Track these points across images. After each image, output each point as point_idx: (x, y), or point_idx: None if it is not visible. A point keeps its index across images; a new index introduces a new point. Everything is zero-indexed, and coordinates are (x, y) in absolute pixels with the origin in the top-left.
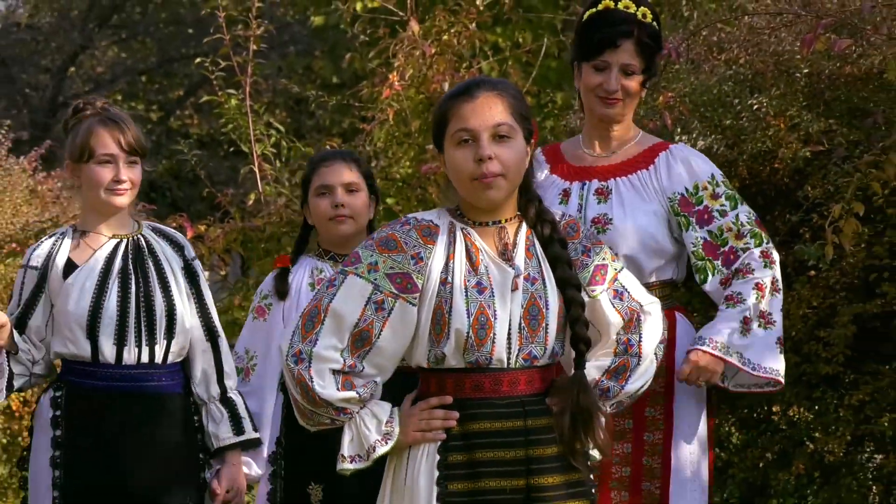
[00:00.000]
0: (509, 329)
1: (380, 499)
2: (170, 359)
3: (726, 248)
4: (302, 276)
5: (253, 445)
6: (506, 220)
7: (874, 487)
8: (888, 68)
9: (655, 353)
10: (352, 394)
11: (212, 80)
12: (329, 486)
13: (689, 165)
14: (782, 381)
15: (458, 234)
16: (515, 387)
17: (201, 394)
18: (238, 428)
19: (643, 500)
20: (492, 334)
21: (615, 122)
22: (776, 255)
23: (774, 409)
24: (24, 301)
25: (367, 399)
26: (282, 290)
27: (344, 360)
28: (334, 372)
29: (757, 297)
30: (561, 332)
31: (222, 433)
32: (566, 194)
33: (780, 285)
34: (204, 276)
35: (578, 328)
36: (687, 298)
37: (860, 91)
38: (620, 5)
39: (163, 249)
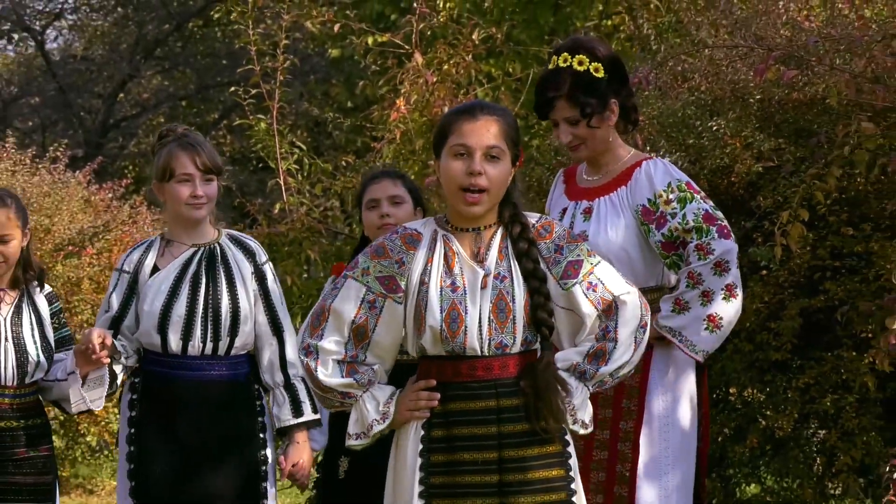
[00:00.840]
0: (480, 322)
1: (388, 469)
2: (233, 352)
3: (680, 241)
4: None
5: (313, 425)
6: (484, 227)
7: (818, 459)
8: (830, 95)
9: (635, 338)
10: (350, 380)
11: (243, 105)
12: (353, 461)
13: (652, 178)
14: (697, 356)
15: (439, 241)
16: (490, 371)
17: (268, 380)
18: (297, 410)
19: (616, 481)
20: (463, 327)
21: (595, 158)
22: (717, 246)
23: (731, 390)
24: (120, 302)
25: (366, 384)
26: None
27: (346, 352)
28: (338, 362)
29: (688, 285)
30: (525, 323)
31: (283, 415)
32: (564, 212)
33: (728, 266)
34: (274, 278)
35: (539, 314)
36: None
37: (806, 114)
38: (560, 60)
39: (234, 256)
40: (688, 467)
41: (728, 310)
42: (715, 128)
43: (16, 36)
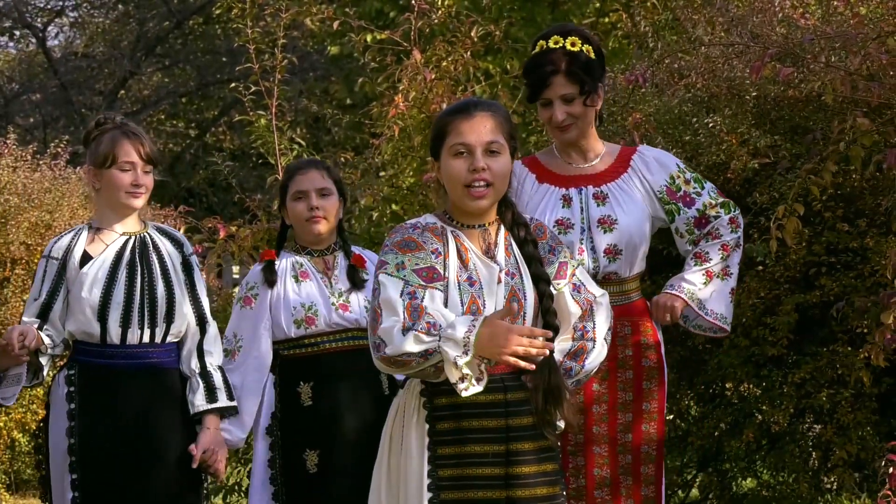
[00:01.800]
0: None
1: (378, 460)
2: (168, 339)
3: (705, 220)
4: (285, 268)
5: (229, 413)
6: (488, 224)
7: (814, 453)
8: (826, 92)
9: (605, 339)
10: (423, 337)
11: (243, 101)
12: (324, 452)
13: (660, 163)
14: (727, 328)
15: (450, 236)
16: (498, 366)
17: (185, 369)
18: (211, 396)
19: (641, 460)
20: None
21: (581, 141)
22: (741, 220)
23: (727, 385)
24: (48, 289)
25: (437, 333)
26: (270, 280)
27: (403, 320)
28: (400, 330)
29: (722, 257)
30: (534, 321)
31: (197, 401)
32: (566, 199)
33: (742, 242)
34: (199, 271)
35: (549, 318)
36: (652, 290)
37: (801, 111)
38: (550, 42)
39: (165, 246)
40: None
41: (734, 286)
42: (711, 125)
43: (17, 33)
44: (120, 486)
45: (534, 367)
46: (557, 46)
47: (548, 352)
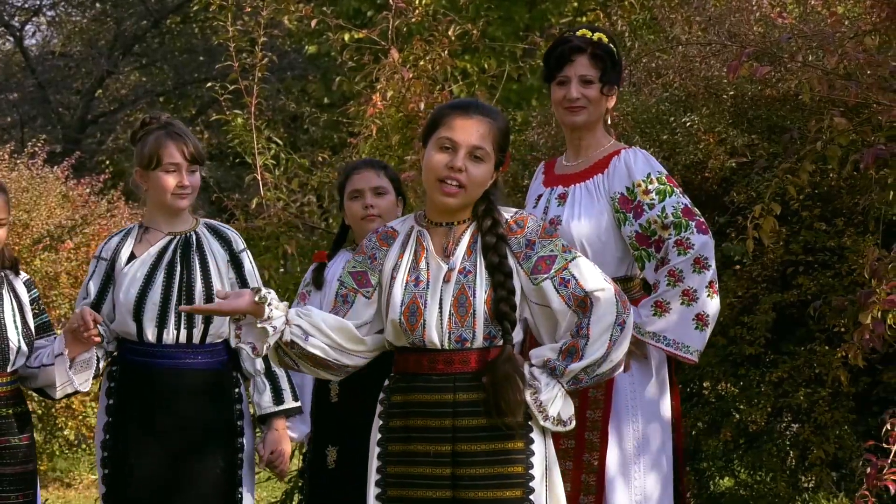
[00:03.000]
0: (441, 316)
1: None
2: (208, 339)
3: (655, 238)
4: (338, 268)
5: (293, 413)
6: (458, 223)
7: (791, 452)
8: (803, 91)
9: (610, 335)
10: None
11: (221, 101)
12: (342, 449)
13: (631, 167)
14: (692, 357)
15: (413, 236)
16: (450, 365)
17: (248, 368)
18: (278, 398)
19: (583, 469)
20: (422, 321)
21: (585, 130)
22: (696, 239)
23: (705, 384)
24: (97, 289)
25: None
26: (318, 282)
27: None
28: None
29: (668, 283)
30: (495, 319)
31: (264, 402)
32: (539, 199)
33: (707, 262)
34: (252, 266)
35: (501, 307)
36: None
37: (779, 110)
38: (578, 34)
39: (210, 244)
40: (666, 461)
41: (713, 306)
42: (688, 124)
43: None
44: (147, 487)
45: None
46: (586, 36)
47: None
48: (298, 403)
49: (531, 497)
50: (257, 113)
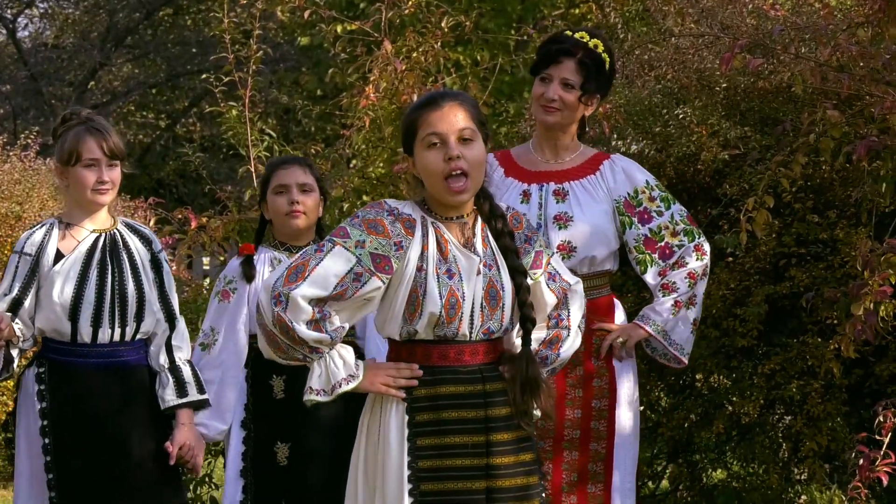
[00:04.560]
0: (472, 308)
1: (355, 452)
2: (137, 337)
3: (662, 244)
4: (263, 264)
5: (201, 406)
6: (466, 215)
7: (784, 445)
8: (795, 83)
9: (579, 327)
10: (325, 336)
11: (214, 93)
12: (294, 445)
13: (628, 174)
14: (685, 360)
15: (430, 228)
16: (476, 356)
17: (154, 365)
18: (181, 391)
19: (590, 458)
20: (460, 313)
21: (558, 131)
22: (707, 247)
23: (697, 376)
24: (20, 285)
25: (336, 342)
26: (249, 274)
27: (313, 310)
28: (307, 322)
29: (689, 285)
30: (511, 312)
31: (167, 396)
32: (526, 195)
33: (707, 271)
34: (168, 267)
35: (526, 310)
36: (622, 281)
37: (771, 102)
38: (577, 35)
39: (134, 243)
40: (637, 445)
41: (699, 313)
42: (681, 116)
43: None
44: (96, 486)
45: (403, 395)
46: (581, 39)
47: (415, 384)
48: (205, 396)
49: (543, 483)
50: (251, 105)
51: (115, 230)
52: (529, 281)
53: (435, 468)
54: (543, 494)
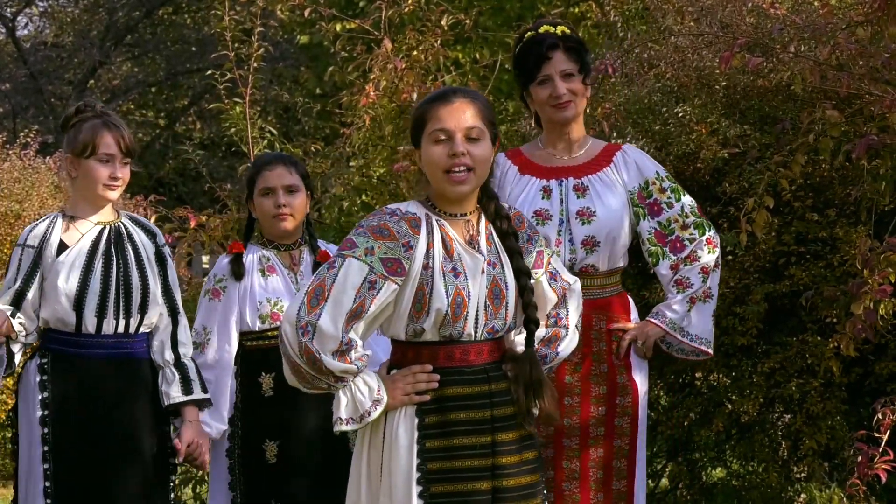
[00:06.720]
0: (477, 307)
1: (356, 453)
2: (141, 330)
3: (673, 237)
4: (252, 261)
5: (204, 405)
6: (469, 213)
7: (783, 443)
8: (795, 82)
9: (577, 326)
10: (351, 366)
11: (214, 90)
12: (284, 443)
13: (639, 165)
14: (710, 351)
15: (435, 225)
16: (481, 356)
17: (158, 359)
18: (187, 388)
19: (614, 455)
20: (465, 312)
21: (572, 124)
22: (717, 239)
23: (697, 374)
24: (23, 277)
25: (361, 371)
26: (238, 273)
27: (342, 339)
28: (333, 352)
29: (702, 280)
30: (514, 310)
31: (173, 392)
32: (546, 191)
33: (720, 262)
34: (171, 261)
35: (530, 311)
36: (622, 279)
37: (771, 101)
38: (541, 31)
39: (139, 236)
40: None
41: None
42: (681, 114)
43: None
44: (93, 477)
45: (428, 398)
46: (549, 32)
47: (436, 385)
48: (208, 395)
49: (543, 480)
50: (252, 103)
51: (120, 223)
52: (531, 281)
53: (443, 470)
54: (545, 492)
